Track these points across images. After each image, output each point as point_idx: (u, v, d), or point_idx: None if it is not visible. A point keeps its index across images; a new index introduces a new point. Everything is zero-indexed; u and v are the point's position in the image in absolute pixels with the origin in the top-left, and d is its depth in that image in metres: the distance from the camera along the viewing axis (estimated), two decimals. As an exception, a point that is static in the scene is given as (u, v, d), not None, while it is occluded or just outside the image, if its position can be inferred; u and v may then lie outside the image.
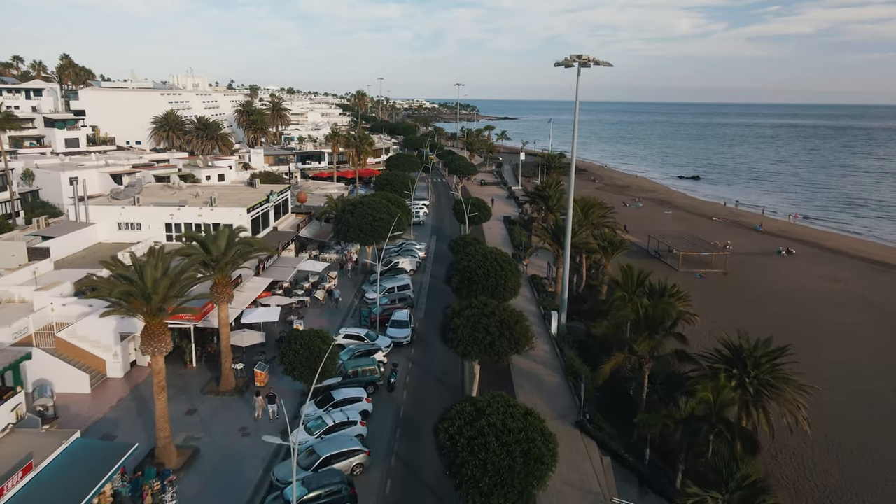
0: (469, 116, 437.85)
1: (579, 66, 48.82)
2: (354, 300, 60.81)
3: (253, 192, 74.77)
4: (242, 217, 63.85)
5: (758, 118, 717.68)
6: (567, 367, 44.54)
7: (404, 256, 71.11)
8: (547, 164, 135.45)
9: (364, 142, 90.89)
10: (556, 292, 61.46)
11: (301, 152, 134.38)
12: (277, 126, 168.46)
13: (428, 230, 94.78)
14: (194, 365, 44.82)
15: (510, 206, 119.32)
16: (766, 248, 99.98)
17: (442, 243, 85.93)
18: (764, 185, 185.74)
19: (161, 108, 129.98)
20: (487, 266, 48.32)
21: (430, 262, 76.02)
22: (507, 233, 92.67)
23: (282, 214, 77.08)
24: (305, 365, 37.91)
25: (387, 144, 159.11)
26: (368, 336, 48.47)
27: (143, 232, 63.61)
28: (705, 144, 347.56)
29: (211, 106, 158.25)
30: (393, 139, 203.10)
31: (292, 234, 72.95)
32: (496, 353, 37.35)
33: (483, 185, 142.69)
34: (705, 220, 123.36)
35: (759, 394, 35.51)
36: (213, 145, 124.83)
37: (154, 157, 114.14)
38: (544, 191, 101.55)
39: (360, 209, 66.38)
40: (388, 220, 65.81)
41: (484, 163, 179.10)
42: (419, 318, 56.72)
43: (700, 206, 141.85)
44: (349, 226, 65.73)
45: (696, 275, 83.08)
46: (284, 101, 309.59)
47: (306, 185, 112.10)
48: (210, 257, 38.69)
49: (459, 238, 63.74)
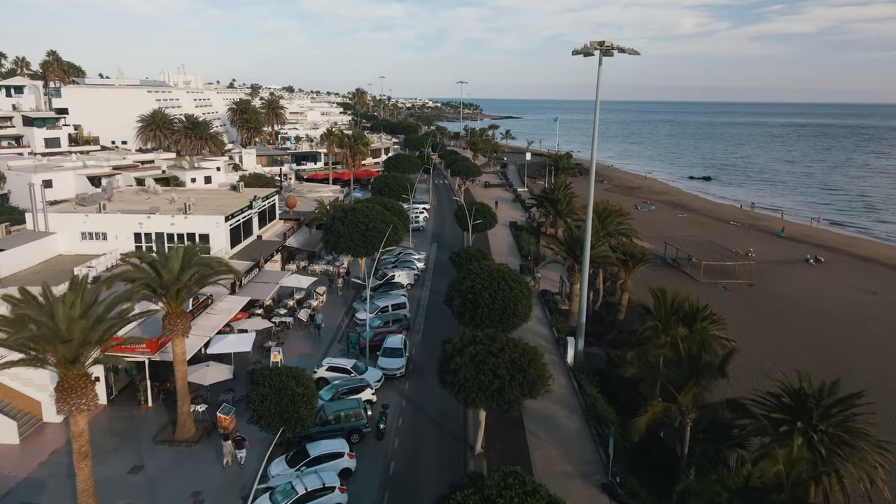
0: (472, 115, 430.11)
1: (601, 54, 42.01)
2: (344, 321, 54.06)
3: (236, 197, 68.13)
4: (220, 226, 57.23)
5: (764, 117, 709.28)
6: (589, 410, 37.73)
7: (401, 269, 64.35)
8: (554, 165, 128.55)
9: (359, 142, 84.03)
10: (570, 311, 54.70)
11: (296, 153, 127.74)
12: (273, 125, 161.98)
13: (428, 237, 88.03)
14: (149, 405, 38.14)
15: (516, 209, 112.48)
16: (790, 255, 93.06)
17: (443, 252, 79.16)
18: (778, 187, 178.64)
19: (148, 106, 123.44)
20: (494, 286, 41.58)
21: (429, 274, 69.26)
22: (514, 240, 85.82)
23: (268, 221, 70.42)
24: (275, 413, 31.26)
25: (386, 144, 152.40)
26: (356, 368, 41.73)
27: (109, 243, 56.98)
28: (713, 144, 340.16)
29: (203, 104, 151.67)
30: (393, 139, 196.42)
31: (278, 243, 66.28)
32: (506, 402, 30.60)
33: (487, 188, 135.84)
34: (722, 225, 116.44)
35: (832, 453, 28.79)
36: (202, 145, 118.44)
37: (139, 158, 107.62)
38: (553, 194, 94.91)
39: (352, 217, 59.69)
40: (383, 229, 59.15)
41: (488, 163, 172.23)
42: (416, 343, 50.00)
43: (715, 209, 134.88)
44: (339, 235, 59.05)
45: (720, 286, 76.27)
46: (285, 99, 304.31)
47: (299, 188, 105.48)
48: (160, 283, 32.00)
49: (462, 250, 56.96)
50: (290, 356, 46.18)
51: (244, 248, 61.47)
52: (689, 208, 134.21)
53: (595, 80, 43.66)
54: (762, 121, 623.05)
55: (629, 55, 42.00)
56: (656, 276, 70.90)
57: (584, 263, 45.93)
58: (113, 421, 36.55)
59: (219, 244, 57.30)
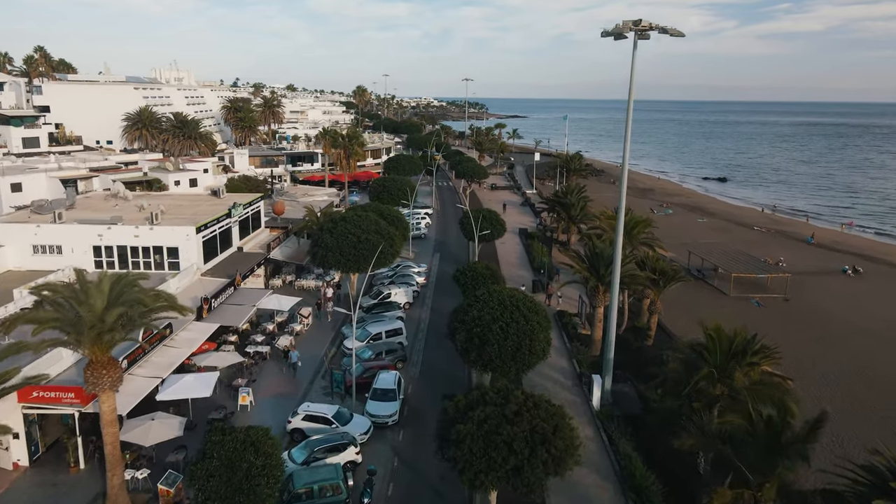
0: (478, 115, 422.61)
1: (636, 36, 34.62)
2: (330, 351, 46.71)
3: (215, 203, 60.99)
4: (190, 238, 50.03)
5: (773, 116, 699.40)
6: (625, 477, 30.35)
7: (398, 285, 57.02)
8: (565, 166, 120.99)
9: (354, 141, 76.43)
10: (592, 337, 47.27)
11: (291, 153, 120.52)
12: (270, 124, 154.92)
13: (430, 246, 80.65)
14: (81, 467, 30.89)
15: (525, 214, 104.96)
16: (825, 265, 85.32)
17: (447, 264, 71.86)
18: (797, 188, 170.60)
19: (135, 104, 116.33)
20: (506, 318, 34.22)
21: (430, 290, 61.94)
22: (525, 250, 78.34)
23: (251, 231, 63.21)
24: (226, 494, 24.06)
25: (388, 144, 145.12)
26: (338, 417, 34.40)
27: (64, 257, 49.88)
28: (723, 143, 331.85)
29: (195, 102, 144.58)
30: (396, 138, 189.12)
31: (261, 255, 59.05)
32: (525, 484, 23.31)
33: (494, 190, 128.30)
34: (745, 230, 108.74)
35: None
36: (190, 145, 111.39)
37: (122, 159, 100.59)
38: (565, 197, 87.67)
39: (342, 228, 52.40)
40: (377, 241, 51.86)
41: (494, 164, 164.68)
42: (412, 377, 42.70)
43: (735, 213, 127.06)
44: (327, 248, 51.75)
45: (753, 301, 68.77)
46: (287, 98, 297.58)
47: (293, 192, 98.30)
48: (76, 325, 24.78)
49: (467, 267, 49.49)
50: (264, 396, 38.99)
51: (221, 263, 54.28)
52: (708, 212, 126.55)
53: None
54: (771, 120, 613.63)
55: (671, 36, 34.47)
56: (681, 290, 63.55)
57: (614, 288, 38.49)
58: (32, 489, 29.34)
59: (189, 258, 50.16)
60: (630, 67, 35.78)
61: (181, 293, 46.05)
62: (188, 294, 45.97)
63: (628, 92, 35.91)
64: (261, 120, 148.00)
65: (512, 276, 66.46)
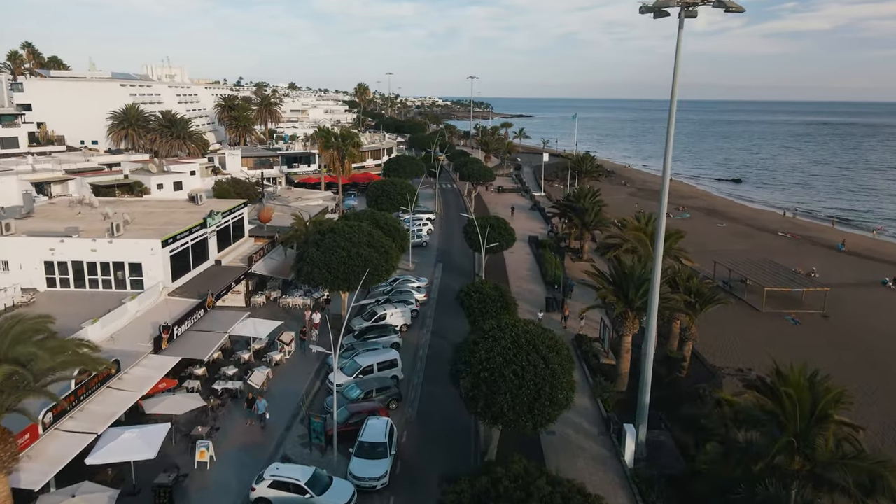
0: (483, 114, 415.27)
1: (682, 11, 28.00)
2: (312, 388, 40.15)
3: (191, 211, 54.65)
4: (155, 252, 43.65)
5: (781, 115, 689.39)
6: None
7: (395, 305, 50.42)
8: (577, 168, 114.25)
9: (348, 142, 69.64)
10: (618, 371, 40.65)
11: (287, 154, 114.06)
12: (267, 123, 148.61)
13: (432, 255, 74.06)
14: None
15: (535, 219, 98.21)
16: (861, 276, 78.35)
17: (450, 276, 65.34)
18: (815, 190, 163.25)
19: (121, 102, 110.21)
20: (522, 360, 27.69)
21: (431, 308, 55.37)
22: (535, 261, 71.63)
23: (232, 241, 56.82)
24: None
25: (389, 144, 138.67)
26: (314, 482, 27.85)
27: (11, 274, 43.57)
28: (733, 143, 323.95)
29: (188, 100, 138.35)
30: (399, 138, 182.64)
31: (242, 269, 52.61)
32: None
33: (501, 192, 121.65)
34: (769, 236, 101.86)
35: None
36: (179, 145, 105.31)
37: (106, 160, 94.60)
38: (578, 202, 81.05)
39: (330, 240, 45.91)
40: (370, 256, 45.40)
41: (501, 164, 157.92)
42: (409, 420, 36.19)
43: (755, 217, 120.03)
44: (313, 264, 45.27)
45: (789, 318, 62.11)
46: (290, 97, 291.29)
47: (286, 195, 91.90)
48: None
49: (473, 287, 42.76)
50: (230, 447, 32.53)
51: (194, 280, 47.90)
52: (727, 216, 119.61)
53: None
54: (781, 119, 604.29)
55: (727, 11, 27.78)
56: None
57: (651, 320, 31.76)
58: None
59: (154, 276, 43.78)
60: (674, 57, 29.18)
61: (140, 318, 39.75)
62: (151, 318, 39.64)
63: (672, 83, 29.42)
64: (257, 119, 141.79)
65: (522, 291, 59.90)
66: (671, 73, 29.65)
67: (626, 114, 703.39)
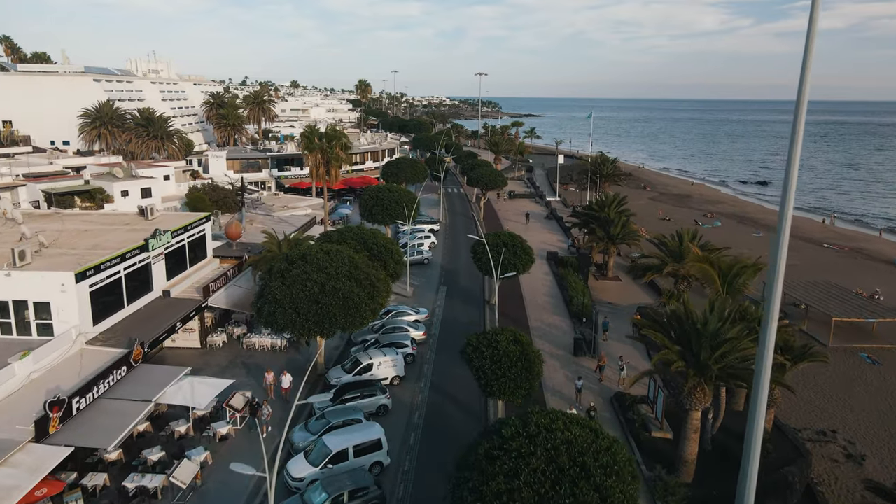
0: (491, 113, 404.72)
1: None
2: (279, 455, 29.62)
3: (139, 228, 44.30)
4: (68, 289, 33.22)
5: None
6: None
7: (383, 351, 39.66)
8: (597, 171, 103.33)
9: (334, 142, 58.55)
10: (680, 454, 29.85)
11: (277, 155, 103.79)
12: (260, 122, 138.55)
13: (435, 275, 63.34)
14: None
15: (552, 230, 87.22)
16: (931, 298, 67.39)
17: (456, 302, 54.71)
18: (850, 195, 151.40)
19: (96, 98, 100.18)
20: (565, 494, 17.16)
21: (432, 349, 44.62)
22: (556, 283, 60.73)
23: (189, 264, 46.40)
24: None
25: (391, 144, 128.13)
26: None
27: None
28: (749, 143, 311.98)
29: (174, 97, 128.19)
30: (403, 137, 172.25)
31: (195, 303, 42.16)
32: None
33: (513, 199, 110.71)
34: (814, 248, 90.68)
35: None
36: (157, 146, 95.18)
37: (73, 163, 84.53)
38: (602, 211, 70.42)
39: (300, 271, 35.43)
40: (350, 292, 34.92)
41: (512, 167, 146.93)
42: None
43: (794, 226, 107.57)
44: (276, 303, 34.78)
45: (864, 356, 51.23)
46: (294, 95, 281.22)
47: (271, 203, 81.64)
48: None
49: (485, 340, 31.69)
50: None
51: (128, 320, 37.57)
52: (761, 224, 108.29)
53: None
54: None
55: None
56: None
57: (758, 407, 20.86)
58: None
59: (67, 318, 33.40)
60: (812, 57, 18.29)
61: (36, 383, 29.37)
62: (54, 381, 29.29)
63: (800, 77, 18.21)
64: (249, 117, 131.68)
65: (543, 326, 49.21)
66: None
67: (634, 113, 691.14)
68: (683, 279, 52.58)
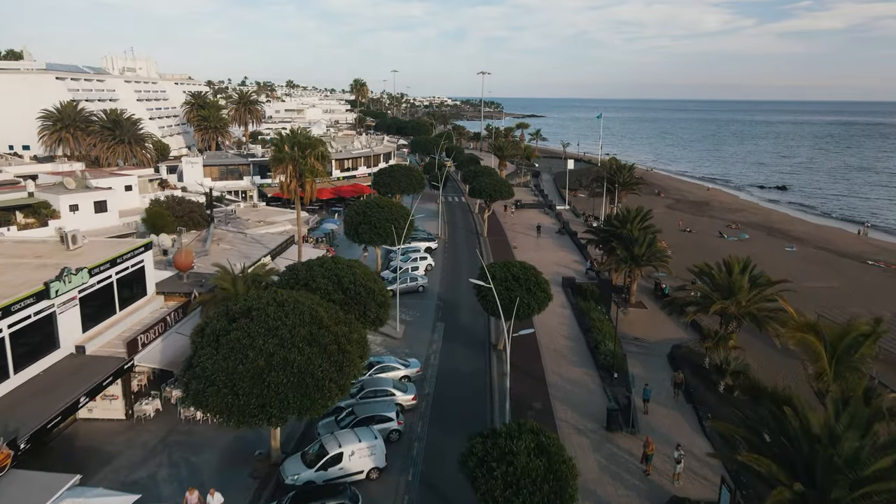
0: (494, 114, 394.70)
1: None
2: None
3: (49, 263, 34.75)
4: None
5: (803, 115, 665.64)
6: None
7: (357, 433, 29.85)
8: (613, 179, 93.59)
9: (308, 151, 48.59)
10: None
11: (259, 161, 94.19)
12: (247, 124, 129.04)
13: (431, 307, 53.43)
14: None
15: (565, 248, 77.23)
16: None
17: (456, 345, 44.87)
18: (874, 203, 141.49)
19: (59, 98, 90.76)
20: None
21: (425, 420, 34.87)
22: (575, 319, 50.78)
23: (118, 308, 36.79)
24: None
25: (387, 148, 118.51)
26: None
27: None
28: (757, 145, 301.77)
29: (151, 97, 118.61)
30: (401, 140, 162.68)
31: (118, 362, 32.52)
32: None
33: (520, 209, 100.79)
34: (856, 265, 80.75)
35: None
36: (125, 151, 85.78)
37: (24, 171, 75.02)
38: (623, 227, 61.07)
39: (240, 335, 25.87)
40: (308, 364, 25.36)
41: (517, 172, 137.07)
42: None
43: (827, 237, 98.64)
44: (207, 380, 25.21)
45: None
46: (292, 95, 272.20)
47: (246, 217, 72.10)
48: None
49: (493, 447, 21.88)
50: None
51: (9, 396, 27.99)
52: (791, 235, 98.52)
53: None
54: (802, 119, 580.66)
55: None
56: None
57: None
58: None
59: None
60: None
61: None
62: None
63: None
64: (234, 119, 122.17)
65: (564, 385, 39.32)
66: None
67: (637, 113, 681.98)
68: (734, 318, 42.99)
